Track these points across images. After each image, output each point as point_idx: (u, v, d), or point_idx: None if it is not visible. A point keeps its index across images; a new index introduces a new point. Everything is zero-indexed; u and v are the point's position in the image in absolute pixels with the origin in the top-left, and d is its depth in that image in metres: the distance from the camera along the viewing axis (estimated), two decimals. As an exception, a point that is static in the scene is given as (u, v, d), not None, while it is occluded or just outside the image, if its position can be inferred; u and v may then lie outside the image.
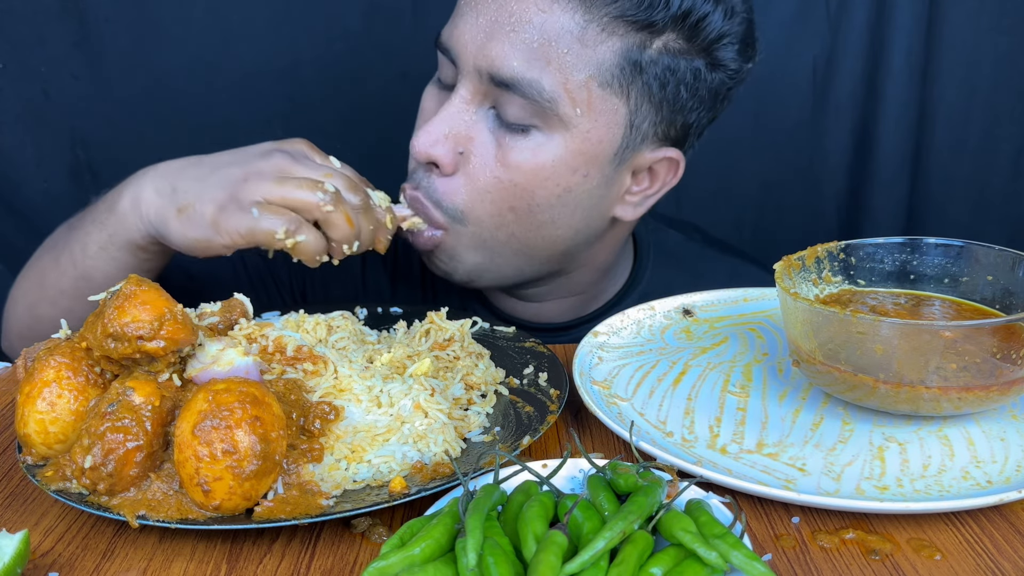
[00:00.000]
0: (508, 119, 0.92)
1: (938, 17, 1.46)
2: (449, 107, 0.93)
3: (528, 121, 0.91)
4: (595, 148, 0.93)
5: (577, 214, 0.97)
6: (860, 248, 0.92)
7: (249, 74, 1.53)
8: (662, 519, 0.58)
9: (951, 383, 0.75)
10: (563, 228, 0.98)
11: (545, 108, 0.90)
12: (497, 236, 0.97)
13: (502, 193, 0.94)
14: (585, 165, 0.94)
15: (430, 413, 0.76)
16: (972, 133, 1.53)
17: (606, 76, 0.90)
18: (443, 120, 0.93)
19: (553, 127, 0.91)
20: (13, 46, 1.49)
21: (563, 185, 0.94)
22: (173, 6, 1.49)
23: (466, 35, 0.92)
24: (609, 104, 0.92)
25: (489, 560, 0.54)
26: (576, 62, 0.89)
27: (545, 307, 1.13)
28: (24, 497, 0.74)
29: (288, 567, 0.64)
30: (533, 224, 0.96)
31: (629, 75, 0.91)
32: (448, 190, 0.95)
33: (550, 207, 0.95)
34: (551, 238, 0.98)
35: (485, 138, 0.93)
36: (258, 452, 0.63)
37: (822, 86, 1.53)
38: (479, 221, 0.96)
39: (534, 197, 0.94)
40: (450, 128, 0.93)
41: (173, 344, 0.68)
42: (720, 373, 0.90)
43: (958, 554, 0.64)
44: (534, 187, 0.93)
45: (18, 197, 1.56)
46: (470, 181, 0.94)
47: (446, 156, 0.93)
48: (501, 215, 0.95)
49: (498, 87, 0.90)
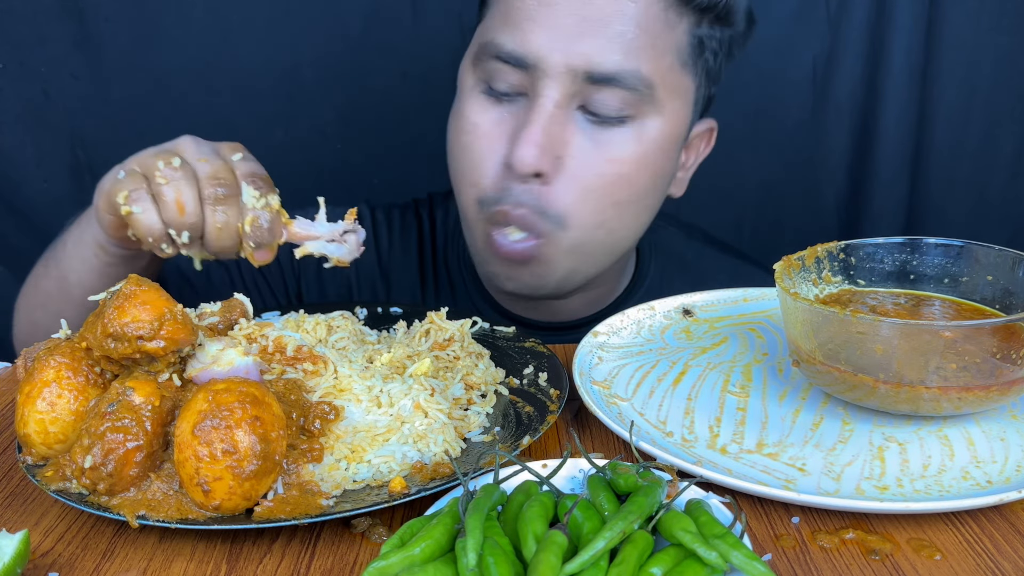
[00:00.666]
0: (603, 113, 0.92)
1: (938, 17, 1.46)
2: (541, 114, 0.92)
3: (625, 112, 0.93)
4: (679, 128, 0.98)
5: (659, 197, 1.01)
6: (860, 248, 0.92)
7: (249, 74, 1.53)
8: (662, 519, 0.58)
9: (951, 383, 0.75)
10: (649, 214, 1.01)
11: (644, 96, 0.92)
12: (596, 235, 0.97)
13: (607, 188, 0.95)
14: (672, 146, 0.98)
15: (430, 413, 0.76)
16: (972, 133, 1.53)
17: (683, 56, 0.95)
18: (541, 128, 0.91)
19: (646, 114, 0.94)
20: (13, 46, 1.49)
21: (657, 169, 0.97)
22: (173, 6, 1.49)
23: (547, 38, 0.91)
24: (686, 83, 0.97)
25: (489, 560, 0.54)
26: (665, 46, 0.93)
27: (564, 305, 1.12)
28: (24, 497, 0.74)
29: (288, 567, 0.64)
30: (631, 215, 0.98)
31: (697, 53, 0.96)
32: (552, 197, 0.94)
33: (647, 194, 0.98)
34: (638, 227, 1.01)
35: (580, 138, 0.93)
36: (258, 452, 0.63)
37: (822, 86, 1.53)
38: (582, 223, 0.96)
39: (636, 186, 0.96)
40: (549, 136, 0.92)
41: (173, 344, 0.68)
42: (720, 373, 0.90)
43: (958, 554, 0.64)
44: (636, 176, 0.95)
45: (18, 197, 1.56)
46: (573, 183, 0.94)
47: (549, 164, 0.93)
48: (604, 211, 0.96)
49: (595, 84, 0.91)
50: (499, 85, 0.95)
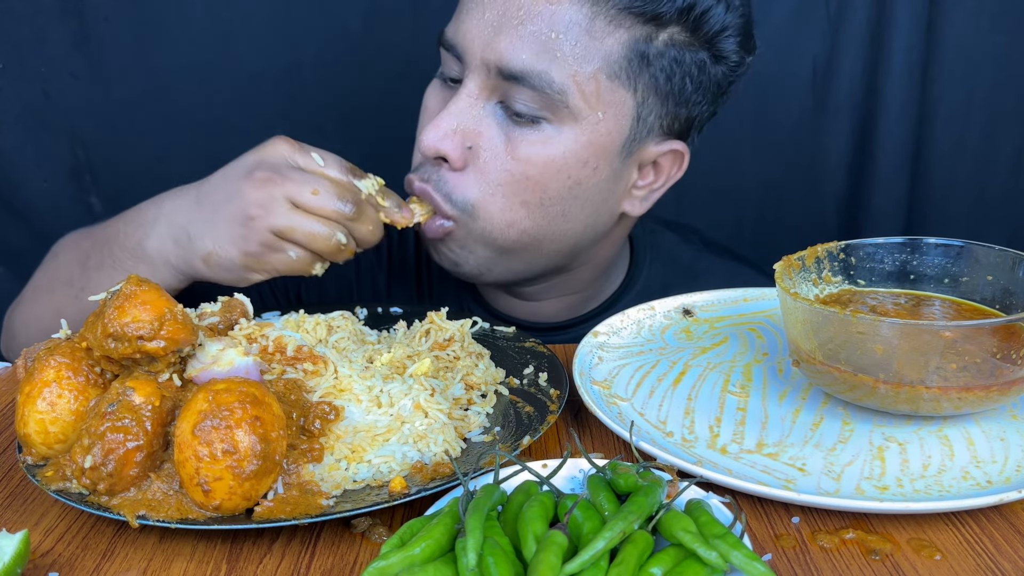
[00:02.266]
0: (517, 112, 0.93)
1: (938, 17, 1.46)
2: (457, 102, 0.94)
3: (538, 113, 0.92)
4: (604, 140, 0.94)
5: (587, 208, 0.98)
6: (860, 248, 0.92)
7: (249, 74, 1.53)
8: (662, 519, 0.58)
9: (951, 383, 0.75)
10: (573, 222, 0.99)
11: (555, 100, 0.91)
12: (508, 234, 0.97)
13: (514, 187, 0.94)
14: (595, 157, 0.95)
15: (430, 413, 0.76)
16: (972, 133, 1.53)
17: (614, 68, 0.92)
18: (451, 114, 0.94)
19: (563, 119, 0.92)
20: (13, 46, 1.49)
21: (574, 178, 0.95)
22: (173, 6, 1.49)
23: (473, 30, 0.93)
24: (617, 96, 0.93)
25: (489, 560, 0.54)
26: (584, 54, 0.90)
27: (544, 306, 1.13)
28: (24, 497, 0.74)
29: (288, 567, 0.64)
30: (545, 218, 0.97)
31: (636, 67, 0.92)
32: (458, 184, 0.95)
33: (561, 200, 0.96)
34: (561, 233, 0.99)
35: (493, 132, 0.94)
36: (258, 452, 0.63)
37: (822, 86, 1.53)
38: (490, 216, 0.96)
39: (546, 190, 0.95)
40: (458, 123, 0.94)
41: (173, 344, 0.68)
42: (720, 373, 0.90)
43: (958, 554, 0.64)
44: (546, 179, 0.94)
45: (18, 197, 1.56)
46: (481, 175, 0.95)
47: (455, 151, 0.94)
48: (513, 210, 0.96)
49: (507, 80, 0.91)
50: (447, 71, 0.98)
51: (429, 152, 0.94)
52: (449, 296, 1.16)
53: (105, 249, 0.98)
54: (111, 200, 1.57)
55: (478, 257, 1.00)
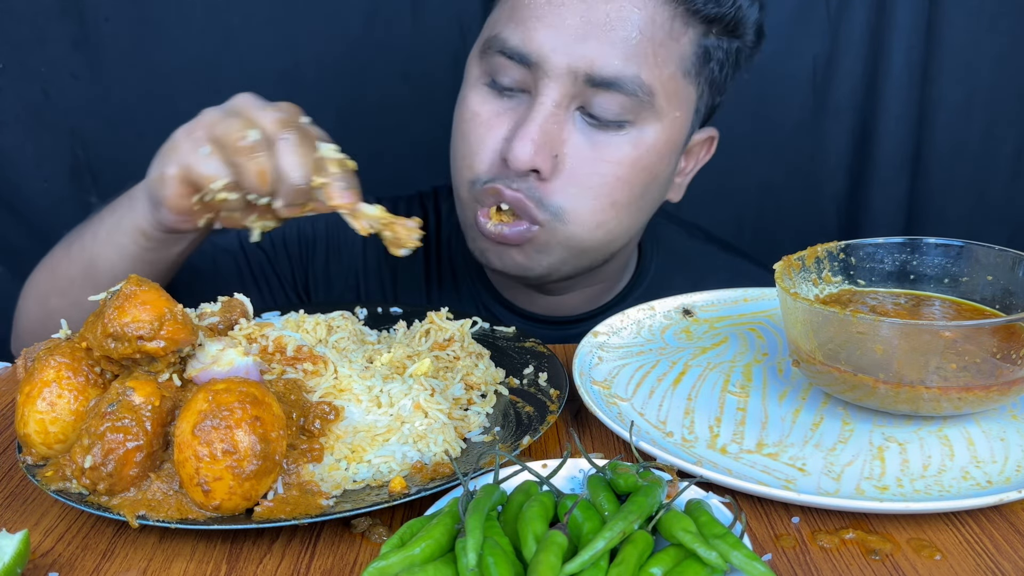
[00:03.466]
0: (602, 117, 0.93)
1: (938, 17, 1.46)
2: (540, 112, 0.93)
3: (624, 117, 0.94)
4: (679, 136, 0.99)
5: (656, 201, 1.03)
6: (860, 248, 0.92)
7: (249, 74, 1.53)
8: (662, 519, 0.58)
9: (951, 383, 0.75)
10: (644, 216, 1.03)
11: (643, 102, 0.93)
12: (595, 235, 0.99)
13: (604, 189, 0.96)
14: (672, 153, 0.99)
15: (430, 413, 0.76)
16: (972, 133, 1.53)
17: (686, 66, 0.96)
18: (538, 126, 0.93)
19: (646, 120, 0.95)
20: (13, 46, 1.49)
21: (655, 174, 0.98)
22: (173, 6, 1.49)
23: (552, 38, 0.92)
24: (688, 92, 0.98)
25: (489, 560, 0.54)
26: (667, 55, 0.93)
27: (566, 299, 1.14)
28: (24, 497, 0.74)
29: (288, 567, 0.64)
30: (630, 216, 1.00)
31: (701, 64, 0.97)
32: (549, 191, 0.95)
33: (643, 196, 0.99)
34: (633, 228, 1.03)
35: (577, 139, 0.95)
36: (258, 452, 0.63)
37: (822, 86, 1.53)
38: (582, 220, 0.97)
39: (633, 189, 0.97)
40: (545, 134, 0.93)
41: (173, 344, 0.68)
42: (720, 373, 0.90)
43: (958, 554, 0.64)
44: (634, 179, 0.96)
45: (18, 197, 1.56)
46: (572, 181, 0.95)
47: (545, 162, 0.93)
48: (604, 211, 0.97)
49: (595, 87, 0.92)
50: (502, 79, 0.96)
51: (523, 167, 0.93)
52: (463, 294, 1.16)
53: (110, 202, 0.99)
54: (111, 200, 1.57)
55: (553, 259, 1.00)
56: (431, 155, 1.59)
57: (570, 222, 0.96)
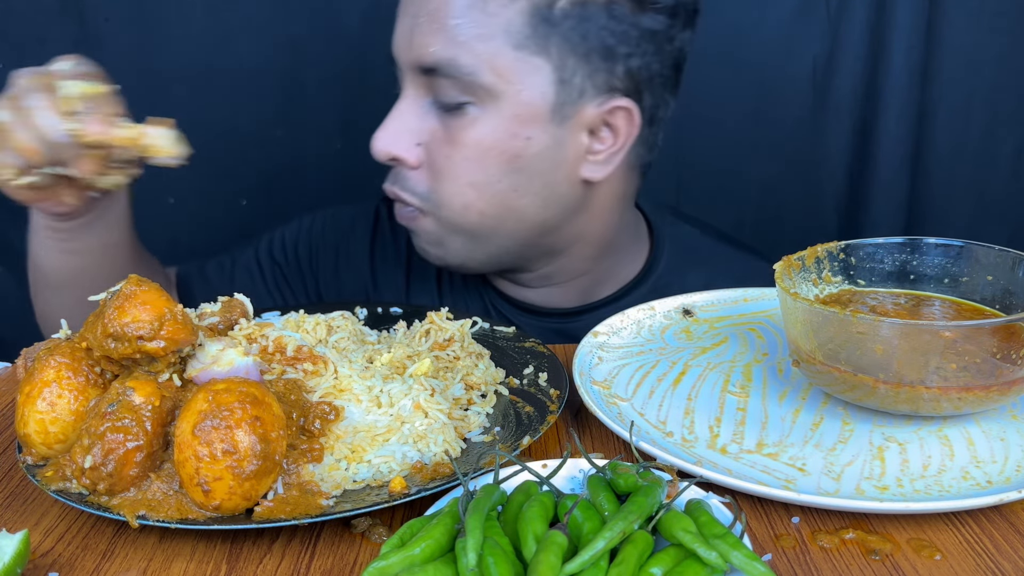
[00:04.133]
0: (445, 102, 0.97)
1: (938, 17, 1.46)
2: (399, 106, 1.00)
3: (461, 99, 0.96)
4: (528, 110, 0.96)
5: (536, 180, 1.00)
6: (860, 248, 0.92)
7: (249, 74, 1.53)
8: (662, 519, 0.58)
9: (951, 383, 0.75)
10: (528, 196, 1.01)
11: (471, 82, 0.95)
12: (468, 216, 1.01)
13: (457, 171, 0.99)
14: (524, 128, 0.97)
15: (430, 413, 0.76)
16: (972, 133, 1.53)
17: (518, 39, 0.94)
18: (395, 119, 1.00)
19: (484, 99, 0.96)
20: (13, 46, 1.49)
21: (509, 152, 0.98)
22: (173, 6, 1.49)
23: (398, 39, 1.00)
24: (530, 65, 0.95)
25: (489, 560, 0.54)
26: (485, 32, 0.94)
27: (554, 292, 1.14)
28: (24, 497, 0.74)
29: (288, 567, 0.64)
30: (496, 196, 1.00)
31: (543, 32, 0.94)
32: (416, 179, 1.01)
33: (505, 176, 0.99)
34: (518, 210, 1.02)
35: (434, 126, 0.99)
36: (258, 452, 0.63)
37: (822, 86, 1.53)
38: (447, 203, 1.00)
39: (487, 169, 0.98)
40: (403, 125, 0.99)
41: (173, 344, 0.68)
42: (720, 373, 0.90)
43: (958, 554, 0.64)
44: (483, 159, 0.98)
45: (18, 197, 1.56)
46: (431, 167, 1.00)
47: (406, 151, 1.00)
48: (464, 193, 1.00)
49: (428, 75, 0.97)
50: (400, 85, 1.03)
51: (381, 157, 1.00)
52: (470, 290, 1.18)
53: None
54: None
55: (455, 246, 1.05)
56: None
57: (440, 206, 1.01)
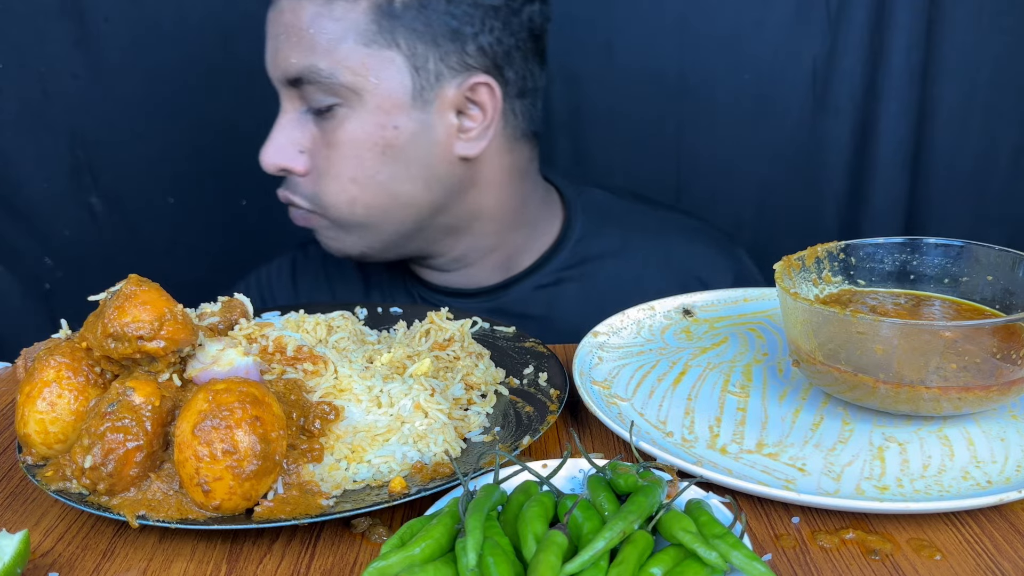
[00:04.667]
0: (317, 107, 1.03)
1: (938, 17, 1.46)
2: (280, 120, 1.06)
3: (329, 101, 1.02)
4: (390, 101, 1.02)
5: (413, 166, 1.05)
6: (860, 248, 0.92)
7: (249, 74, 1.53)
8: (662, 519, 0.58)
9: (951, 383, 0.75)
10: (408, 182, 1.06)
11: (332, 85, 1.01)
12: (354, 210, 1.06)
13: (336, 170, 1.04)
14: (390, 119, 1.03)
15: (430, 413, 0.76)
16: (972, 133, 1.52)
17: (365, 37, 1.00)
18: (278, 132, 1.06)
19: (349, 98, 1.02)
20: (13, 46, 1.49)
21: (380, 144, 1.03)
22: (173, 6, 1.49)
23: (268, 58, 1.06)
24: (382, 58, 1.01)
25: (489, 560, 0.54)
26: (335, 36, 1.00)
27: (474, 272, 1.18)
28: (24, 497, 0.74)
29: (288, 567, 0.64)
30: (377, 187, 1.05)
31: (388, 26, 1.01)
32: (304, 184, 1.07)
33: (382, 167, 1.04)
34: (401, 196, 1.06)
35: (314, 133, 1.05)
36: (258, 452, 0.64)
37: (822, 86, 1.53)
38: (333, 202, 1.06)
39: (363, 163, 1.04)
40: (285, 136, 1.05)
41: (173, 344, 0.68)
42: (720, 373, 0.90)
43: (958, 554, 0.64)
44: (358, 154, 1.03)
45: (18, 197, 1.56)
46: (315, 171, 1.06)
47: (292, 160, 1.05)
48: (346, 189, 1.05)
49: (295, 86, 1.03)
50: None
51: (270, 169, 1.06)
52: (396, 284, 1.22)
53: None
54: (111, 200, 1.57)
55: (351, 239, 1.10)
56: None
57: (328, 205, 1.07)
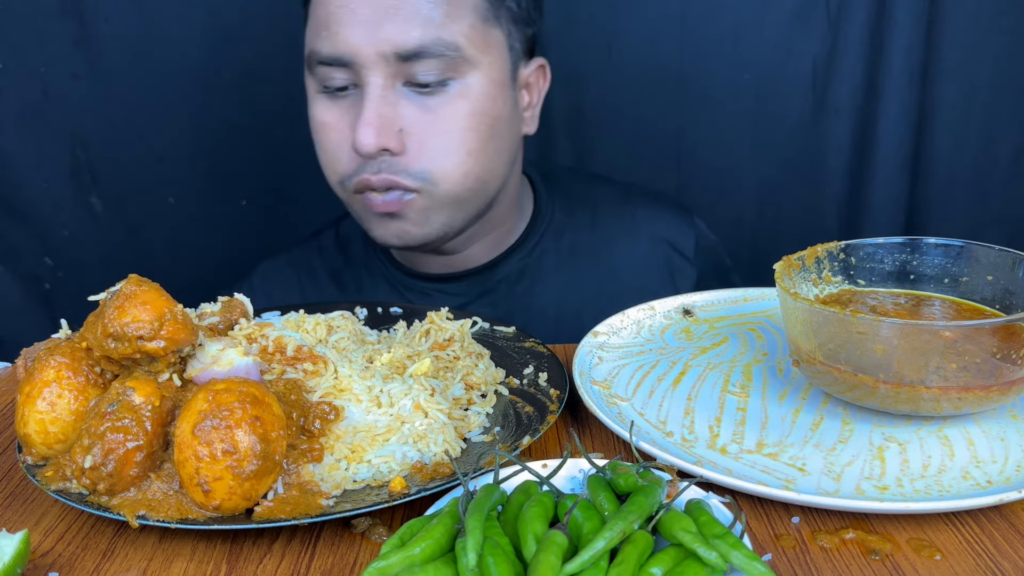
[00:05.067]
0: (426, 82, 1.02)
1: (938, 17, 1.46)
2: (371, 99, 1.02)
3: (445, 76, 1.03)
4: (501, 75, 1.07)
5: (507, 138, 1.11)
6: (860, 248, 0.92)
7: (249, 74, 1.53)
8: (662, 519, 0.58)
9: (951, 383, 0.75)
10: (504, 154, 1.11)
11: (455, 58, 1.02)
12: (467, 184, 1.07)
13: (454, 143, 1.05)
14: (499, 93, 1.07)
15: (430, 413, 0.76)
16: (972, 133, 1.53)
17: (483, 13, 1.04)
18: (372, 111, 1.02)
19: (464, 71, 1.03)
20: (13, 46, 1.49)
21: (491, 115, 1.07)
22: (173, 6, 1.49)
23: (354, 35, 1.01)
24: (493, 35, 1.06)
25: (489, 560, 0.54)
26: (460, 10, 1.02)
27: (470, 252, 1.19)
28: (24, 497, 0.74)
29: (288, 567, 0.64)
30: (487, 157, 1.07)
31: (496, 6, 1.06)
32: (408, 161, 1.04)
33: (493, 136, 1.08)
34: (500, 166, 1.10)
35: (413, 110, 1.03)
36: (258, 452, 0.64)
37: (822, 86, 1.53)
38: (448, 175, 1.05)
39: (479, 134, 1.06)
40: (381, 115, 1.02)
41: (173, 344, 0.68)
42: (720, 373, 0.90)
43: (958, 554, 0.64)
44: (477, 125, 1.05)
45: (18, 197, 1.56)
46: (424, 146, 1.04)
47: (392, 139, 1.02)
48: (463, 162, 1.06)
49: (407, 61, 1.01)
50: (332, 84, 1.05)
51: (371, 150, 1.02)
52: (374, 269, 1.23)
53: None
54: (111, 200, 1.57)
55: (441, 219, 1.09)
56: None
57: (440, 181, 1.05)
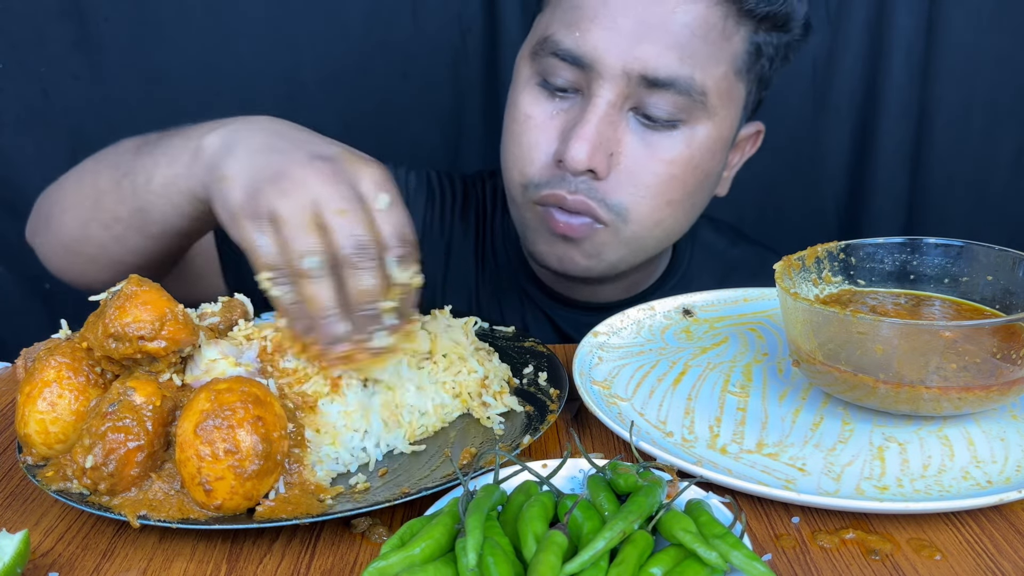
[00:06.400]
0: (656, 117, 0.94)
1: (938, 17, 1.46)
2: (595, 112, 0.93)
3: (677, 116, 0.95)
4: (729, 132, 1.01)
5: (704, 196, 1.05)
6: (860, 248, 0.92)
7: (249, 74, 1.53)
8: (662, 519, 0.58)
9: (951, 383, 0.75)
10: (697, 211, 1.05)
11: (696, 102, 0.94)
12: (654, 232, 1.01)
13: (660, 188, 0.97)
14: (722, 150, 1.01)
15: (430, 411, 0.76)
16: (972, 133, 1.53)
17: (738, 65, 0.97)
18: (594, 127, 0.93)
19: (697, 119, 0.96)
20: (13, 46, 1.49)
21: (705, 171, 1.00)
22: (173, 6, 1.49)
23: (606, 40, 0.92)
24: (738, 90, 0.99)
25: (489, 560, 0.54)
26: (719, 55, 0.94)
27: (605, 288, 1.14)
28: (24, 497, 0.74)
29: (288, 567, 0.64)
30: (684, 213, 1.02)
31: (752, 60, 0.98)
32: (609, 191, 0.96)
33: (696, 193, 1.01)
34: (688, 222, 1.05)
35: (631, 139, 0.95)
36: (260, 452, 0.64)
37: (822, 86, 1.53)
38: (641, 219, 0.98)
39: (687, 187, 0.99)
40: (600, 134, 0.93)
41: (174, 344, 0.68)
42: (720, 373, 0.90)
43: (958, 554, 0.64)
44: (687, 177, 0.98)
45: (18, 197, 1.56)
46: (629, 180, 0.96)
47: (602, 161, 0.94)
48: (660, 209, 0.99)
49: (649, 87, 0.92)
50: (555, 80, 0.97)
51: (580, 168, 0.93)
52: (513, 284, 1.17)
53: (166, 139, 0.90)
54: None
55: (613, 258, 1.02)
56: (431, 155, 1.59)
57: (631, 221, 0.98)
